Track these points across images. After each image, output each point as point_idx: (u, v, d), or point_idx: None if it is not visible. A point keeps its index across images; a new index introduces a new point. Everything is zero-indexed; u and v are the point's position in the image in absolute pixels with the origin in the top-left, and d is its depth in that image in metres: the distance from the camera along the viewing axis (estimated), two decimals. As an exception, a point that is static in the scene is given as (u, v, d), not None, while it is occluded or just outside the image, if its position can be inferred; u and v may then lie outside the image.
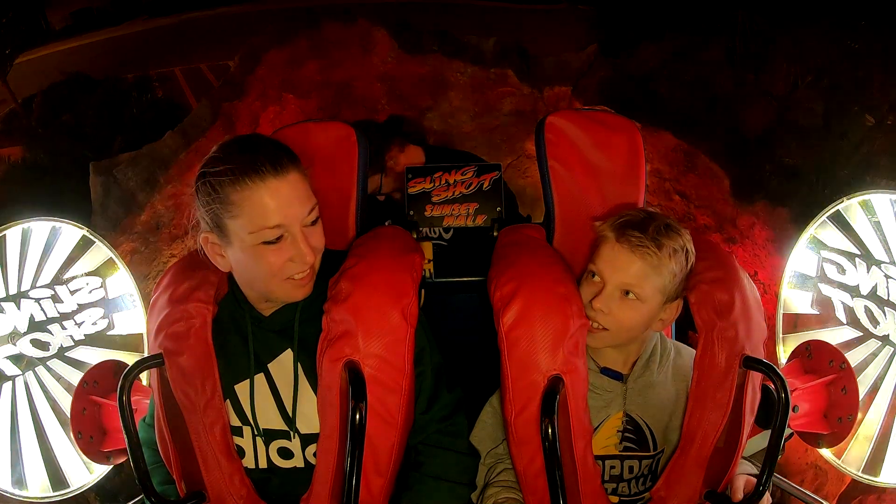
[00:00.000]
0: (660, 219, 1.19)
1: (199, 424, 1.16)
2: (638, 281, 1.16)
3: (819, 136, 2.23)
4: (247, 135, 1.16)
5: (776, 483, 1.38)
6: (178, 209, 2.64)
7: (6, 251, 1.64)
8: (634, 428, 1.26)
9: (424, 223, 1.60)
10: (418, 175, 1.60)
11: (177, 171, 2.62)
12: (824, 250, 1.68)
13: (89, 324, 1.73)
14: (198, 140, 2.67)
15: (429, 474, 1.22)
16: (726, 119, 2.44)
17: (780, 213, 2.23)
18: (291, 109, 2.87)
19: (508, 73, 2.96)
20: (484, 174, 1.59)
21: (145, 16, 2.97)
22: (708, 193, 2.48)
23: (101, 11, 3.03)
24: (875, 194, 1.60)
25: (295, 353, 1.19)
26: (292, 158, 1.10)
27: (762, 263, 2.26)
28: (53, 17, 2.86)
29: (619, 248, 1.17)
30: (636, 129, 1.41)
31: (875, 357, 1.60)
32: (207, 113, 2.74)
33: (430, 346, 1.23)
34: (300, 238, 1.08)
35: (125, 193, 2.52)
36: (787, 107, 2.34)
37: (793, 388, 1.46)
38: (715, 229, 2.43)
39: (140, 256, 2.58)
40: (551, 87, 2.99)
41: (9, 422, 1.62)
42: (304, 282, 1.14)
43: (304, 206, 1.09)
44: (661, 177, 2.63)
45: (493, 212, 1.59)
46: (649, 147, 2.65)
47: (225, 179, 1.05)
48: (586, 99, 2.86)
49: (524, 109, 3.01)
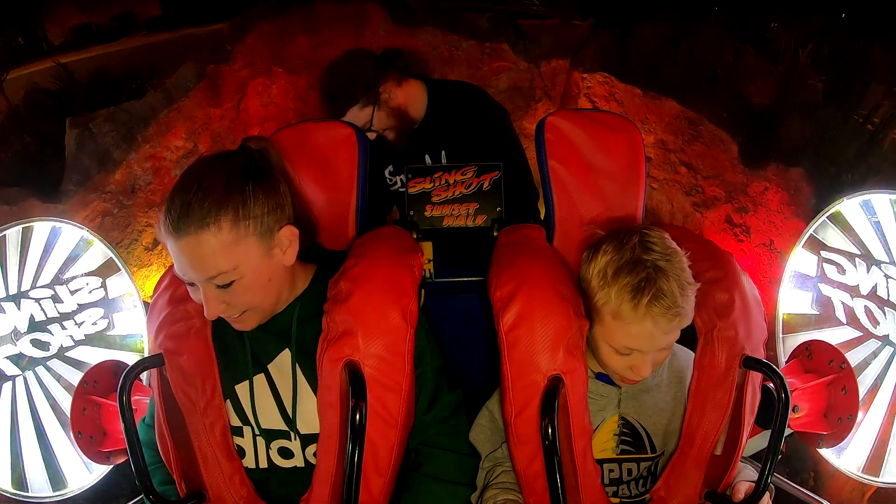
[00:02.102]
0: (647, 251, 1.09)
1: (200, 424, 1.16)
2: (675, 335, 1.13)
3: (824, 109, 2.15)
4: (202, 165, 1.09)
5: (776, 483, 1.38)
6: (155, 173, 2.54)
7: (6, 251, 1.63)
8: (630, 430, 1.26)
9: (424, 223, 1.59)
10: (418, 175, 1.60)
11: (156, 129, 2.53)
12: (824, 250, 1.68)
13: (89, 324, 1.73)
14: (181, 100, 2.58)
15: (429, 475, 1.22)
16: (731, 85, 2.36)
17: (794, 173, 2.09)
18: (281, 84, 2.80)
19: (504, 48, 2.87)
20: (484, 174, 1.59)
21: (144, 31, 2.98)
22: (715, 162, 2.37)
23: (99, 27, 3.04)
24: (875, 194, 1.60)
25: (293, 354, 1.19)
26: (201, 223, 1.01)
27: (778, 230, 2.14)
28: (52, 32, 2.88)
29: (648, 327, 1.08)
30: (637, 129, 1.41)
31: (875, 357, 1.60)
32: (192, 75, 2.63)
33: (430, 347, 1.22)
34: (203, 293, 1.07)
35: (99, 148, 2.39)
36: (791, 80, 2.26)
37: (793, 389, 1.45)
38: (725, 200, 2.33)
39: (113, 220, 2.45)
40: (548, 62, 2.89)
41: (9, 422, 1.61)
42: (234, 322, 1.14)
43: (201, 271, 1.04)
44: (666, 147, 2.54)
45: (493, 212, 1.59)
46: (651, 115, 2.57)
47: (160, 214, 1.06)
48: (585, 69, 2.78)
49: (521, 85, 2.92)
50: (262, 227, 1.07)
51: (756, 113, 2.34)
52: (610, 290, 1.10)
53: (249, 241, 1.05)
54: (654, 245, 1.10)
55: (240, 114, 2.78)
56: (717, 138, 2.34)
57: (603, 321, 1.13)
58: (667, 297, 1.06)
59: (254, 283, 1.08)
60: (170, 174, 2.59)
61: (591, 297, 1.15)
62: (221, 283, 1.05)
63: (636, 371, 1.13)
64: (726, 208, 2.31)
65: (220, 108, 2.70)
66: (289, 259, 1.13)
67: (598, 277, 1.12)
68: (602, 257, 1.12)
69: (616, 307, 1.09)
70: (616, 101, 2.73)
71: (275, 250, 1.10)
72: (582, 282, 1.18)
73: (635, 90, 2.63)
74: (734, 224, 2.34)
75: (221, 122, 2.72)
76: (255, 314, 1.13)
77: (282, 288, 1.15)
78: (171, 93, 2.58)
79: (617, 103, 2.72)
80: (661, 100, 2.49)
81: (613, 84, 2.71)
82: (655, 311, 1.06)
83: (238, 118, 2.77)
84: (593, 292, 1.13)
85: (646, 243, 1.10)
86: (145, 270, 2.56)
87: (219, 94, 2.68)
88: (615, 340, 1.13)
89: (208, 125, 2.68)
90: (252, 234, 1.05)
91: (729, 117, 2.32)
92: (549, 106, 3.00)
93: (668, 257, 1.09)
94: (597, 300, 1.13)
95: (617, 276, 1.09)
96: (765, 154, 2.18)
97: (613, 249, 1.12)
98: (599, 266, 1.12)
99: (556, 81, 2.95)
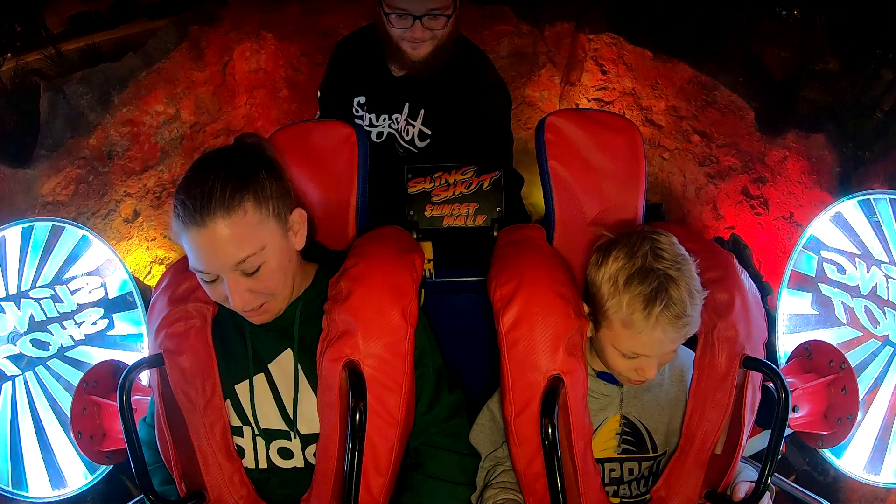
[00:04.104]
0: (658, 259, 1.09)
1: (200, 424, 1.16)
2: (682, 341, 1.14)
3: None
4: (212, 158, 1.09)
5: (776, 483, 1.38)
6: (133, 139, 2.39)
7: (6, 251, 1.64)
8: (632, 430, 1.26)
9: (424, 223, 1.59)
10: (418, 175, 1.60)
11: (134, 91, 2.37)
12: (824, 250, 1.68)
13: (89, 324, 1.73)
14: (161, 62, 2.43)
15: (429, 475, 1.22)
16: (745, 48, 2.20)
17: (815, 139, 1.96)
18: (270, 50, 2.68)
19: (505, 10, 2.74)
20: (484, 174, 1.59)
21: (143, 18, 2.96)
22: (731, 129, 2.23)
23: (98, 15, 3.03)
24: (875, 194, 1.60)
25: (295, 354, 1.19)
26: (224, 204, 1.01)
27: (798, 202, 2.03)
28: (51, 21, 2.86)
29: (658, 335, 1.08)
30: (637, 129, 1.41)
31: (875, 357, 1.60)
32: (173, 36, 2.48)
33: (430, 347, 1.22)
34: (228, 284, 1.05)
35: (73, 111, 2.25)
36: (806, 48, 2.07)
37: (793, 389, 1.46)
38: (741, 170, 2.22)
39: (87, 187, 2.30)
40: (552, 25, 2.75)
41: (9, 422, 1.62)
42: (254, 314, 1.13)
43: (231, 257, 1.03)
44: (678, 114, 2.41)
45: (493, 212, 1.59)
46: (662, 80, 2.43)
47: (172, 209, 1.04)
48: (591, 29, 2.62)
49: (524, 52, 2.79)
50: (278, 209, 1.08)
51: (773, 78, 2.19)
52: (621, 298, 1.09)
53: (270, 222, 1.07)
54: (664, 252, 1.10)
55: (225, 79, 2.65)
56: (733, 104, 2.20)
57: (612, 327, 1.13)
58: (677, 305, 1.06)
59: (278, 265, 1.09)
60: (150, 140, 2.46)
61: (600, 303, 1.14)
62: (249, 267, 1.05)
63: (641, 373, 1.14)
64: (742, 179, 2.18)
65: (204, 73, 2.57)
66: (299, 243, 1.15)
67: (608, 284, 1.12)
68: (613, 263, 1.12)
69: (627, 316, 1.09)
70: (625, 64, 2.58)
71: (289, 233, 1.12)
72: (591, 286, 1.18)
73: (645, 52, 2.48)
74: (751, 196, 2.22)
75: (206, 88, 2.59)
76: (275, 303, 1.13)
77: (295, 276, 1.16)
78: (151, 54, 2.42)
79: (626, 66, 2.58)
80: (672, 63, 2.35)
81: (622, 46, 2.56)
82: (665, 321, 1.07)
83: (224, 84, 2.64)
84: (603, 298, 1.13)
85: (657, 251, 1.10)
86: (125, 244, 2.45)
87: (202, 56, 2.54)
88: (622, 346, 1.13)
89: (191, 90, 2.55)
90: (271, 216, 1.07)
91: (745, 82, 2.19)
92: (553, 72, 2.86)
93: (678, 266, 1.09)
94: (607, 308, 1.12)
95: (629, 285, 1.09)
96: (784, 121, 2.05)
97: (625, 256, 1.11)
98: (610, 272, 1.12)
99: (560, 46, 2.80)
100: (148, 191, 2.51)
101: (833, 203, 1.66)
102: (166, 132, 2.52)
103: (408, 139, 1.81)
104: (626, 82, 2.62)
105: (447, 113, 1.77)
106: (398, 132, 1.82)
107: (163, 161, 2.53)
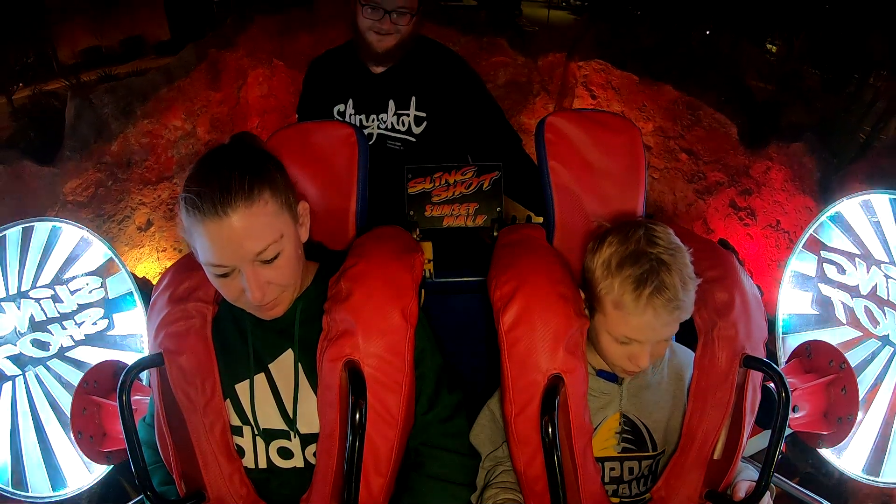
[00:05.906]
0: (651, 244, 1.10)
1: (199, 424, 1.16)
2: (674, 328, 1.14)
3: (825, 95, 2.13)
4: (222, 152, 1.09)
5: (776, 483, 1.38)
6: (152, 150, 2.55)
7: (6, 251, 1.64)
8: (632, 429, 1.26)
9: (424, 223, 1.60)
10: (418, 175, 1.60)
11: (155, 105, 2.54)
12: (824, 250, 1.68)
13: (89, 324, 1.73)
14: (181, 80, 2.60)
15: (429, 475, 1.22)
16: (727, 70, 2.34)
17: (795, 148, 2.08)
18: (281, 77, 2.81)
19: (501, 42, 2.90)
20: (484, 174, 1.59)
21: (153, 55, 3.04)
22: (716, 146, 2.37)
23: (109, 50, 3.12)
24: (875, 194, 1.60)
25: (296, 354, 1.19)
26: (245, 195, 1.01)
27: (784, 209, 2.12)
28: (63, 54, 2.94)
29: (649, 318, 1.09)
30: (637, 130, 1.41)
31: (875, 357, 1.60)
32: (193, 58, 2.66)
33: (430, 347, 1.22)
34: (247, 276, 1.05)
35: (98, 118, 2.41)
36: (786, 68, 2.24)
37: (793, 388, 1.46)
38: (728, 184, 2.32)
39: (106, 191, 2.44)
40: (545, 56, 2.92)
41: (9, 422, 1.62)
42: (268, 308, 1.13)
43: (253, 245, 1.03)
44: (666, 135, 2.54)
45: (493, 212, 1.59)
46: (649, 102, 2.57)
47: (184, 204, 1.03)
48: (581, 57, 2.79)
49: (519, 81, 2.94)
50: (289, 200, 1.10)
51: (754, 97, 2.31)
52: (613, 280, 1.11)
53: (285, 211, 1.08)
54: (658, 239, 1.11)
55: (239, 101, 2.79)
56: (717, 122, 2.32)
57: (605, 310, 1.14)
58: (668, 289, 1.07)
59: (293, 254, 1.10)
60: (166, 153, 2.59)
61: (593, 287, 1.16)
62: (269, 256, 1.06)
63: (635, 361, 1.14)
64: (729, 192, 2.29)
65: (220, 93, 2.71)
66: (305, 234, 1.16)
67: (602, 268, 1.14)
68: (607, 248, 1.14)
69: (618, 297, 1.10)
70: (613, 88, 2.72)
71: (298, 223, 1.13)
72: (586, 272, 1.19)
73: (632, 76, 2.64)
74: (738, 208, 2.32)
75: (221, 108, 2.73)
76: (288, 295, 1.14)
77: (303, 268, 1.17)
78: (172, 72, 2.60)
79: (614, 90, 2.72)
80: (658, 86, 2.49)
81: (610, 71, 2.72)
82: (657, 303, 1.07)
83: (238, 105, 2.78)
84: (597, 282, 1.14)
85: (651, 237, 1.11)
86: (136, 252, 2.54)
87: (219, 77, 2.69)
88: (615, 330, 1.14)
89: (207, 108, 2.68)
90: (285, 205, 1.08)
91: (727, 101, 2.31)
92: (547, 100, 3.00)
93: (671, 252, 1.10)
94: (600, 290, 1.14)
95: (621, 267, 1.11)
96: (765, 134, 2.16)
97: (619, 241, 1.13)
98: (604, 257, 1.14)
99: (553, 75, 2.95)
100: (162, 202, 2.61)
101: (833, 203, 1.66)
102: (182, 147, 2.67)
103: (403, 129, 1.86)
104: (614, 105, 2.80)
105: (438, 92, 1.86)
106: (388, 130, 1.87)
107: (178, 174, 2.69)
